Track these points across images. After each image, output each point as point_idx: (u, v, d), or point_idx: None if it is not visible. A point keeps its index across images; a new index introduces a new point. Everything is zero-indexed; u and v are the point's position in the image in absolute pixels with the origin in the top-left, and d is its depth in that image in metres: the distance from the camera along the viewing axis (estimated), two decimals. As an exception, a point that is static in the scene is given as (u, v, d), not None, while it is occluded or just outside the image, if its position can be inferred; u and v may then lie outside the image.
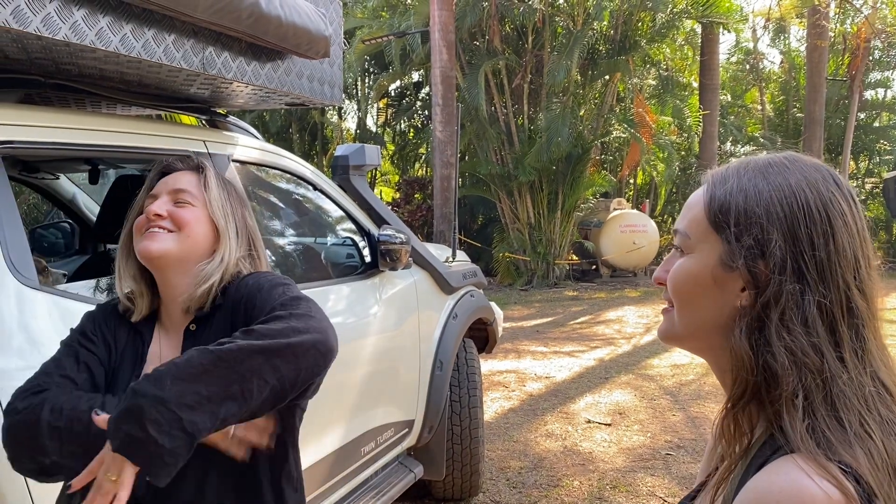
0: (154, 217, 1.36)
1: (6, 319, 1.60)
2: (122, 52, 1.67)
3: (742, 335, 0.80)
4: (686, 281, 0.87)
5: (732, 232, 0.82)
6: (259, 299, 1.33)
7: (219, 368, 1.11)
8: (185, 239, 1.37)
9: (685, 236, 0.88)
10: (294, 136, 18.83)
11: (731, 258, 0.81)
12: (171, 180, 1.43)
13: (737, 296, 0.82)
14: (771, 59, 32.80)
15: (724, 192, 0.85)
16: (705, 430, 5.05)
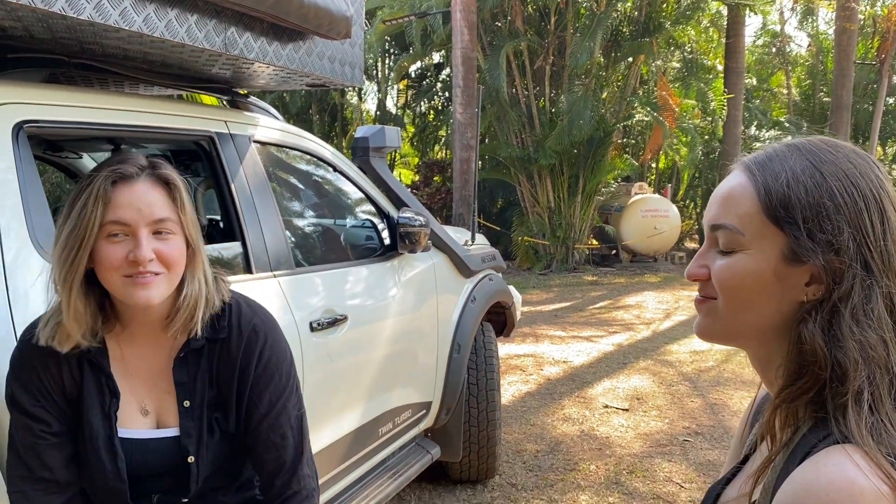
0: (146, 264, 1.24)
1: (32, 297, 1.62)
2: (145, 31, 1.68)
3: (815, 330, 0.78)
4: (745, 280, 0.83)
5: (803, 227, 0.79)
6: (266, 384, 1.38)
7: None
8: (174, 277, 1.31)
9: (737, 233, 0.84)
10: (314, 118, 18.85)
11: (802, 252, 0.79)
12: (141, 203, 1.26)
13: (801, 290, 0.81)
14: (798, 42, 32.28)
15: (780, 185, 0.81)
16: (724, 417, 5.04)
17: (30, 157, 1.71)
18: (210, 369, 1.37)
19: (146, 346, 1.37)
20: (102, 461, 1.29)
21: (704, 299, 0.89)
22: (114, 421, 1.32)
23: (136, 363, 1.37)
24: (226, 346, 1.37)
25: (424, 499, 3.76)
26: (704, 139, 16.43)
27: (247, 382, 1.36)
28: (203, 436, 1.35)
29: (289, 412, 1.41)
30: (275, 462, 1.38)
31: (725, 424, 4.89)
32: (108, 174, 1.25)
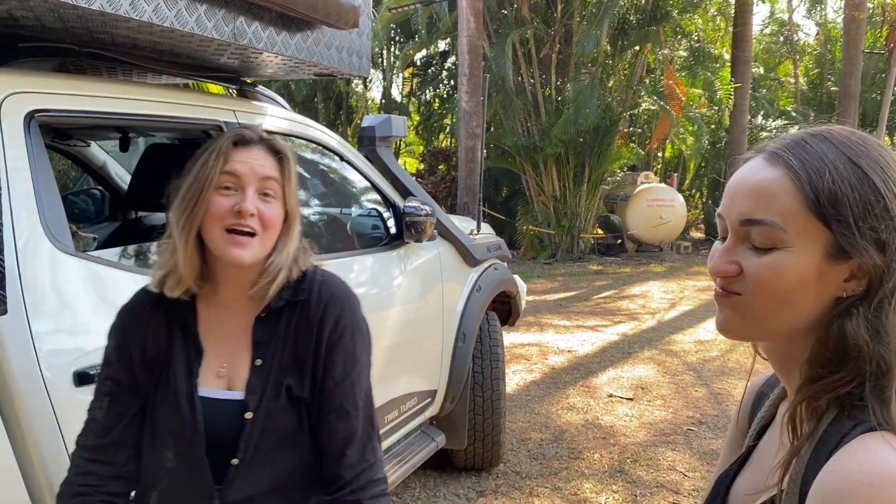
0: (248, 217, 1.32)
1: (42, 283, 1.64)
2: (155, 21, 1.69)
3: (861, 325, 0.77)
4: (787, 279, 0.81)
5: (854, 225, 0.77)
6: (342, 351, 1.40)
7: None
8: (267, 242, 1.37)
9: (778, 229, 0.81)
10: (319, 106, 18.83)
11: (851, 250, 0.77)
12: (254, 162, 1.36)
13: (840, 287, 0.80)
14: (806, 31, 32.08)
15: (827, 181, 0.78)
16: (728, 407, 5.05)
17: (41, 145, 1.73)
18: (288, 329, 1.40)
19: (231, 308, 1.42)
20: (183, 415, 1.35)
21: (729, 294, 0.86)
22: (195, 377, 1.38)
23: (219, 325, 1.42)
24: (305, 308, 1.41)
25: (429, 486, 3.79)
26: (711, 128, 16.37)
27: (322, 346, 1.39)
28: (266, 395, 1.37)
29: (361, 383, 1.42)
30: (347, 431, 1.39)
31: (729, 414, 4.90)
32: (230, 136, 1.38)
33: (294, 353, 1.40)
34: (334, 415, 1.38)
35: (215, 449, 1.35)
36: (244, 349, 1.40)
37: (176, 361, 1.39)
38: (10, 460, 1.53)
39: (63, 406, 1.61)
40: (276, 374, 1.38)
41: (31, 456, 1.57)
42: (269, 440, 1.36)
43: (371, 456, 1.40)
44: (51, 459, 1.60)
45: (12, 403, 1.54)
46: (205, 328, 1.42)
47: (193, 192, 1.33)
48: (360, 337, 1.44)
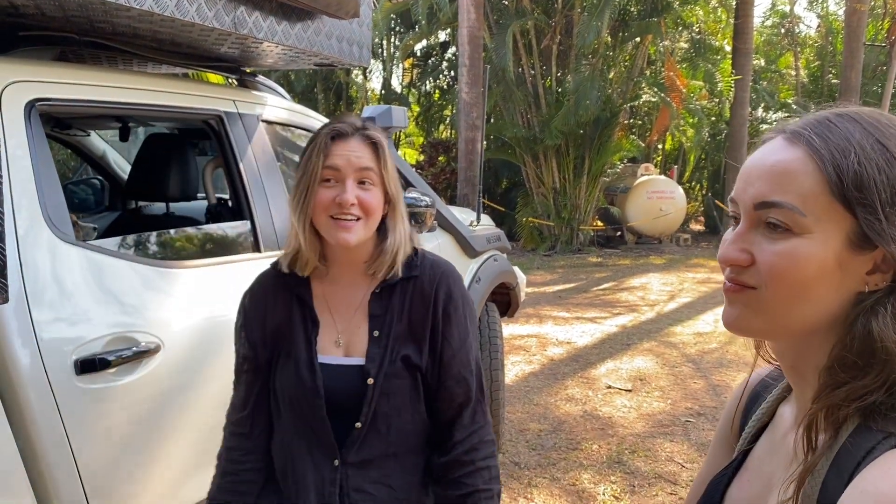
0: (349, 206, 1.44)
1: (42, 272, 1.65)
2: (155, 10, 1.69)
3: (888, 325, 0.70)
4: (806, 268, 0.73)
5: (880, 210, 0.70)
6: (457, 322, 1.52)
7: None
8: (371, 224, 1.48)
9: (798, 213, 0.74)
10: (319, 96, 18.78)
11: (877, 238, 0.71)
12: (351, 154, 1.47)
13: (862, 280, 0.73)
14: (807, 23, 32.01)
15: (852, 162, 0.72)
16: (726, 399, 5.05)
17: (42, 134, 1.73)
18: (403, 303, 1.52)
19: (346, 285, 1.55)
20: (303, 379, 1.47)
21: (740, 288, 0.79)
22: (314, 345, 1.51)
23: (335, 300, 1.55)
24: (419, 283, 1.53)
25: (428, 476, 3.80)
26: (711, 121, 16.36)
27: (438, 318, 1.51)
28: (385, 363, 1.48)
29: (474, 350, 1.55)
30: (464, 395, 1.51)
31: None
32: (328, 132, 1.49)
33: (410, 325, 1.51)
34: (453, 381, 1.50)
35: (337, 412, 1.47)
36: (361, 321, 1.53)
37: (295, 332, 1.52)
38: (11, 447, 1.54)
39: (64, 394, 1.62)
40: (392, 344, 1.49)
41: (33, 443, 1.57)
42: (389, 405, 1.48)
43: (482, 419, 1.53)
44: (51, 447, 1.60)
45: (14, 391, 1.55)
46: (320, 302, 1.55)
47: (303, 186, 1.47)
48: (469, 310, 1.57)
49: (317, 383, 1.47)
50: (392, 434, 1.49)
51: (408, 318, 1.51)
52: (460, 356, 1.51)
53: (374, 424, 1.48)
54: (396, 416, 1.49)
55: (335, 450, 1.48)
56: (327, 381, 1.48)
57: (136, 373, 1.78)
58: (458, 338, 1.51)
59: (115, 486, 1.75)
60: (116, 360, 1.73)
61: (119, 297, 1.82)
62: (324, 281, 1.56)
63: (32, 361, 1.57)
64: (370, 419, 1.47)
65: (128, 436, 1.78)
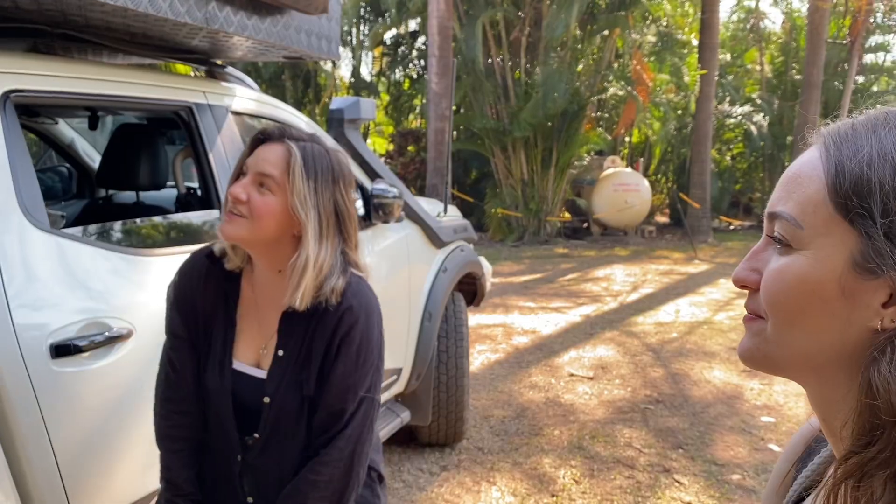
0: (234, 201, 1.45)
1: (18, 259, 1.69)
2: (129, 6, 1.74)
3: (893, 374, 0.56)
4: (796, 289, 0.62)
5: (880, 223, 0.57)
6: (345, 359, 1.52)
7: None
8: (257, 229, 1.46)
9: (793, 225, 0.63)
10: (287, 84, 18.64)
11: (875, 260, 0.57)
12: (261, 156, 1.48)
13: (876, 313, 0.59)
14: (772, 20, 32.50)
15: (858, 162, 0.59)
16: (684, 386, 5.22)
17: (17, 125, 1.77)
18: (307, 329, 1.52)
19: (268, 293, 1.56)
20: (215, 379, 1.52)
21: (753, 317, 0.68)
22: (229, 347, 1.54)
23: (261, 307, 1.56)
24: (324, 318, 1.51)
25: (394, 461, 3.89)
26: (678, 114, 16.60)
27: (331, 351, 1.51)
28: (283, 385, 1.51)
29: (355, 392, 1.52)
30: (326, 425, 1.52)
31: (686, 393, 5.07)
32: (260, 133, 1.53)
33: (309, 352, 1.52)
34: (326, 412, 1.51)
35: (241, 417, 1.53)
36: (274, 336, 1.55)
37: (216, 328, 1.56)
38: (-12, 429, 1.59)
39: (40, 378, 1.67)
40: (292, 367, 1.52)
41: (10, 424, 1.62)
42: (283, 423, 1.52)
43: (328, 450, 1.51)
44: (28, 430, 1.65)
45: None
46: (246, 304, 1.58)
47: (230, 180, 1.52)
48: (366, 349, 1.54)
49: (224, 385, 1.53)
50: (284, 450, 1.54)
51: (308, 345, 1.52)
52: (336, 392, 1.51)
53: (271, 439, 1.54)
54: (291, 435, 1.54)
55: (237, 448, 1.55)
56: (236, 384, 1.53)
57: (109, 357, 1.83)
58: (341, 374, 1.51)
59: (89, 465, 1.81)
60: (90, 344, 1.78)
61: (92, 284, 1.87)
62: (252, 283, 1.58)
63: (8, 345, 1.62)
64: (267, 434, 1.53)
65: (102, 418, 1.83)
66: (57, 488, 1.71)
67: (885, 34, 20.52)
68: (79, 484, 1.76)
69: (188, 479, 1.57)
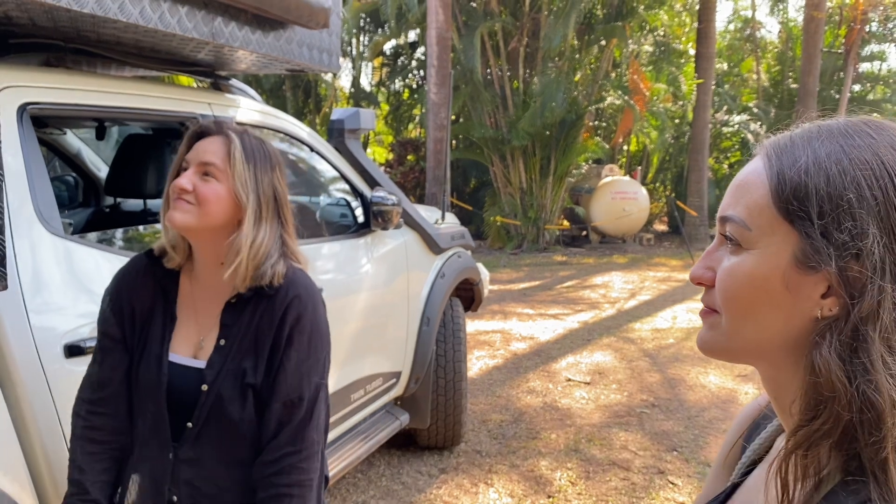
0: (180, 191, 1.48)
1: (34, 263, 1.78)
2: (140, 23, 1.83)
3: (832, 356, 0.63)
4: (746, 285, 0.70)
5: (817, 224, 0.64)
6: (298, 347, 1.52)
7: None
8: (204, 215, 1.49)
9: (743, 227, 0.70)
10: (288, 94, 18.79)
11: (814, 257, 0.65)
12: (201, 148, 1.52)
13: (816, 304, 0.66)
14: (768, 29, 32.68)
15: (797, 171, 0.67)
16: (680, 391, 5.30)
17: (33, 136, 1.86)
18: (252, 318, 1.53)
19: (210, 288, 1.57)
20: (151, 372, 1.52)
21: (709, 311, 0.76)
22: (167, 341, 1.55)
23: (199, 300, 1.58)
24: (270, 302, 1.53)
25: (393, 463, 3.97)
26: (675, 123, 16.73)
27: (281, 340, 1.51)
28: (221, 372, 1.51)
29: (310, 379, 1.54)
30: (286, 416, 1.51)
31: (681, 398, 5.15)
32: (194, 128, 1.56)
33: (254, 341, 1.53)
34: (279, 404, 1.51)
35: (175, 409, 1.52)
36: (214, 327, 1.55)
37: (154, 324, 1.56)
38: (7, 423, 1.67)
39: (55, 375, 1.76)
40: (234, 356, 1.52)
41: (27, 421, 1.71)
42: (220, 412, 1.50)
43: (300, 444, 1.50)
44: (44, 425, 1.74)
45: (9, 372, 1.68)
46: (185, 299, 1.59)
47: (170, 179, 1.54)
48: (317, 337, 1.56)
49: (161, 378, 1.52)
50: (222, 440, 1.52)
51: (254, 334, 1.53)
52: (291, 380, 1.51)
53: (206, 428, 1.51)
54: (227, 424, 1.51)
55: (169, 444, 1.52)
56: (171, 378, 1.53)
57: (119, 357, 1.92)
58: (295, 362, 1.52)
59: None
60: (101, 345, 1.86)
61: (103, 287, 1.96)
62: (192, 278, 1.59)
63: (26, 345, 1.71)
64: (202, 422, 1.51)
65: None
66: (70, 481, 1.79)
67: (881, 43, 20.70)
68: (91, 478, 1.84)
69: (97, 482, 1.53)
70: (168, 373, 1.53)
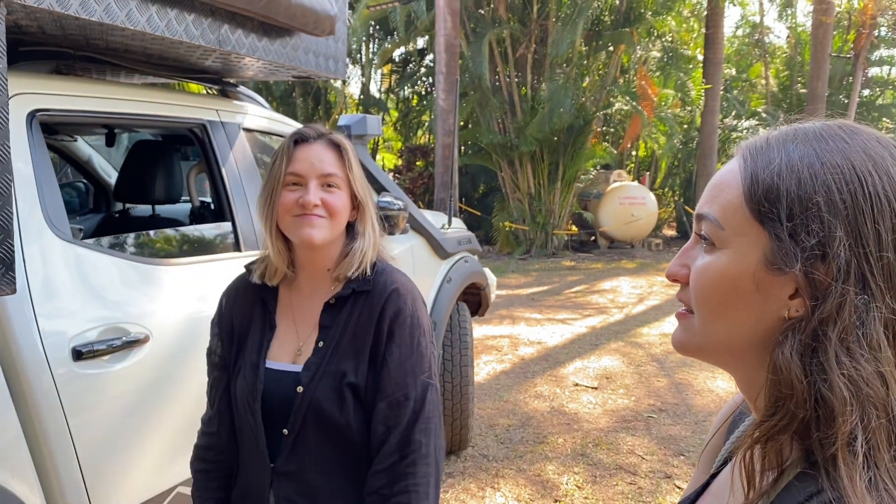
0: (313, 207, 1.46)
1: (43, 268, 1.81)
2: (148, 30, 1.86)
3: (793, 356, 0.64)
4: (718, 284, 0.71)
5: (785, 226, 0.66)
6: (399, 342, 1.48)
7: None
8: (337, 225, 1.51)
9: (716, 226, 0.71)
10: (297, 101, 18.87)
11: (782, 258, 0.66)
12: (314, 159, 1.49)
13: (784, 304, 0.67)
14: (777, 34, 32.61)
15: (769, 173, 0.68)
16: (688, 396, 5.29)
17: (42, 143, 1.89)
18: (350, 316, 1.51)
19: (309, 295, 1.56)
20: (247, 381, 1.51)
21: (685, 314, 0.77)
22: (265, 349, 1.54)
23: (299, 309, 1.57)
24: (369, 298, 1.51)
25: (400, 468, 3.98)
26: (683, 128, 16.72)
27: (381, 335, 1.48)
28: (319, 373, 1.47)
29: (415, 377, 1.48)
30: (393, 417, 1.45)
31: (689, 402, 5.14)
32: (291, 136, 1.53)
33: (353, 340, 1.49)
34: (384, 403, 1.45)
35: (271, 418, 1.49)
36: (314, 331, 1.53)
37: (253, 334, 1.56)
38: (15, 426, 1.70)
39: (62, 378, 1.78)
40: (332, 356, 1.48)
41: (35, 422, 1.73)
42: (317, 417, 1.45)
43: (407, 448, 1.44)
44: (51, 427, 1.76)
45: (17, 375, 1.71)
46: (284, 308, 1.58)
47: (267, 190, 1.51)
48: (419, 330, 1.51)
49: (256, 386, 1.49)
50: (322, 448, 1.47)
51: (352, 331, 1.49)
52: (396, 377, 1.46)
53: (303, 435, 1.47)
54: (325, 429, 1.46)
55: (266, 457, 1.48)
56: (266, 385, 1.49)
57: (127, 360, 1.94)
58: (398, 357, 1.47)
59: (108, 463, 1.91)
60: (108, 348, 1.89)
61: (111, 292, 1.98)
62: (291, 288, 1.58)
63: (34, 348, 1.73)
64: (298, 427, 1.46)
65: (120, 418, 1.94)
66: (77, 483, 1.81)
67: (890, 48, 20.63)
68: (98, 479, 1.86)
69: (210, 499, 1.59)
70: (264, 379, 1.50)
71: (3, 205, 1.49)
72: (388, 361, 1.46)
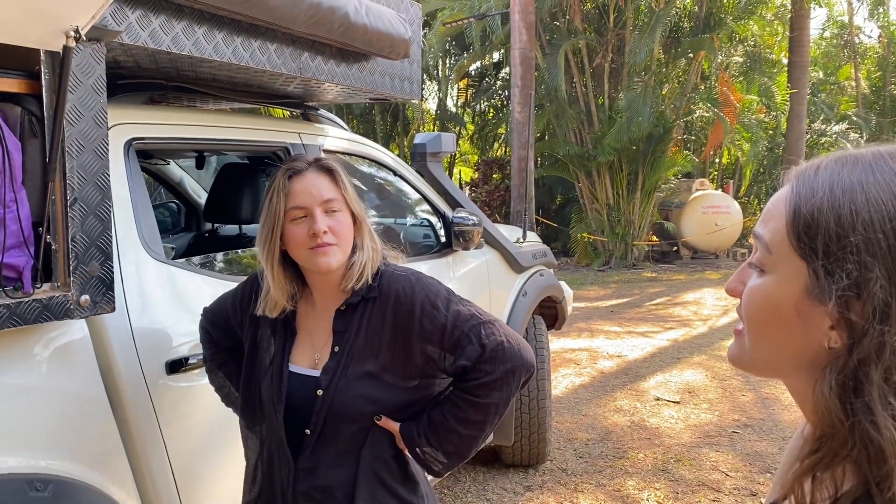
0: (322, 235, 1.54)
1: (139, 286, 1.93)
2: (233, 61, 1.97)
3: (831, 392, 0.64)
4: (763, 307, 0.72)
5: (821, 263, 0.65)
6: (441, 318, 1.56)
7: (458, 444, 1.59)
8: (346, 247, 1.59)
9: (766, 250, 0.72)
10: (376, 118, 19.26)
11: (818, 293, 0.65)
12: (312, 189, 1.57)
13: (825, 334, 0.66)
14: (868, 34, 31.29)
15: (811, 207, 0.67)
16: (775, 411, 5.13)
17: (138, 170, 2.02)
18: (361, 322, 1.60)
19: (324, 307, 1.65)
20: (273, 384, 1.61)
21: (740, 332, 0.78)
22: (287, 354, 1.64)
23: (314, 319, 1.67)
24: (377, 303, 1.60)
25: (479, 480, 4.01)
26: (768, 134, 16.21)
27: (399, 325, 1.57)
28: (336, 376, 1.57)
29: (461, 328, 1.56)
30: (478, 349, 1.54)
31: (776, 418, 4.99)
32: (284, 171, 1.60)
33: (368, 342, 1.58)
34: (455, 355, 1.55)
35: (297, 419, 1.60)
36: (329, 339, 1.62)
37: (276, 343, 1.66)
38: (115, 435, 1.81)
39: (157, 391, 1.89)
40: (348, 359, 1.57)
41: (132, 432, 1.85)
42: (337, 418, 1.55)
43: (486, 338, 1.55)
44: (147, 435, 1.88)
45: (117, 388, 1.83)
46: (302, 320, 1.68)
47: (268, 227, 1.58)
48: (423, 289, 1.61)
49: (281, 389, 1.59)
50: (341, 447, 1.57)
51: (366, 334, 1.58)
52: (449, 342, 1.55)
53: (324, 434, 1.56)
54: (346, 429, 1.56)
55: (289, 455, 1.58)
56: (291, 388, 1.60)
57: (216, 373, 2.05)
58: (433, 323, 1.55)
59: (200, 470, 2.02)
60: (199, 362, 1.99)
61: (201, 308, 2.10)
62: (308, 302, 1.68)
63: (132, 362, 1.85)
64: (319, 428, 1.56)
65: (211, 427, 2.05)
66: (171, 489, 1.92)
67: None
68: (190, 486, 1.97)
69: None
70: (287, 383, 1.60)
71: (104, 229, 1.61)
72: (432, 341, 1.56)
